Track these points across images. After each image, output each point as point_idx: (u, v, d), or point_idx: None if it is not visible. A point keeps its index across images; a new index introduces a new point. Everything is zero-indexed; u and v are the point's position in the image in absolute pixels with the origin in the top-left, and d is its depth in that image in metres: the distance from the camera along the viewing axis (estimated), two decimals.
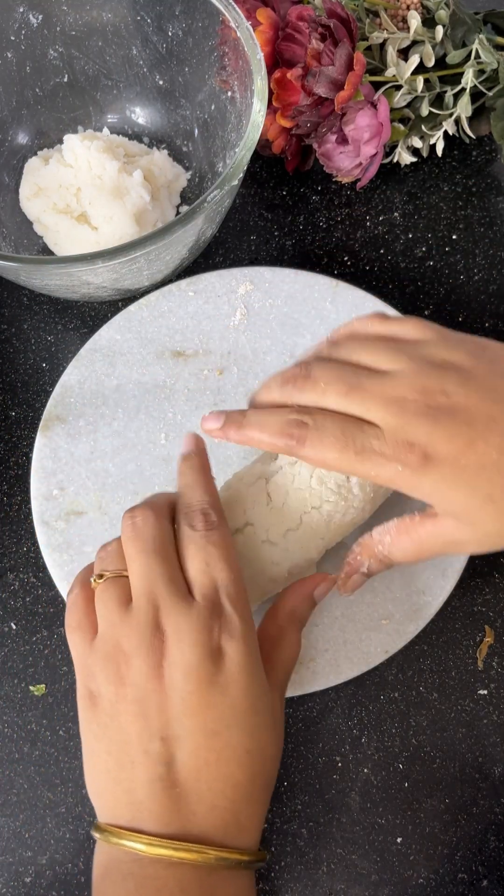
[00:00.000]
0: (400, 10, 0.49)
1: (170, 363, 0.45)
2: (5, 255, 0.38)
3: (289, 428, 0.33)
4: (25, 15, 0.47)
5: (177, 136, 0.53)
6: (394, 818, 0.39)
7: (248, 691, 0.30)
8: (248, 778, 0.30)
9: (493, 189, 0.54)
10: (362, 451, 0.32)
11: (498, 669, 0.42)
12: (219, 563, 0.32)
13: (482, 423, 0.32)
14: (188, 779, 0.29)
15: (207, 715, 0.30)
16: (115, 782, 0.30)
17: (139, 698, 0.30)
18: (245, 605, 0.32)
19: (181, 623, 0.30)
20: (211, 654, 0.30)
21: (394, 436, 0.32)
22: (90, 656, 0.32)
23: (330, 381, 0.33)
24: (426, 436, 0.31)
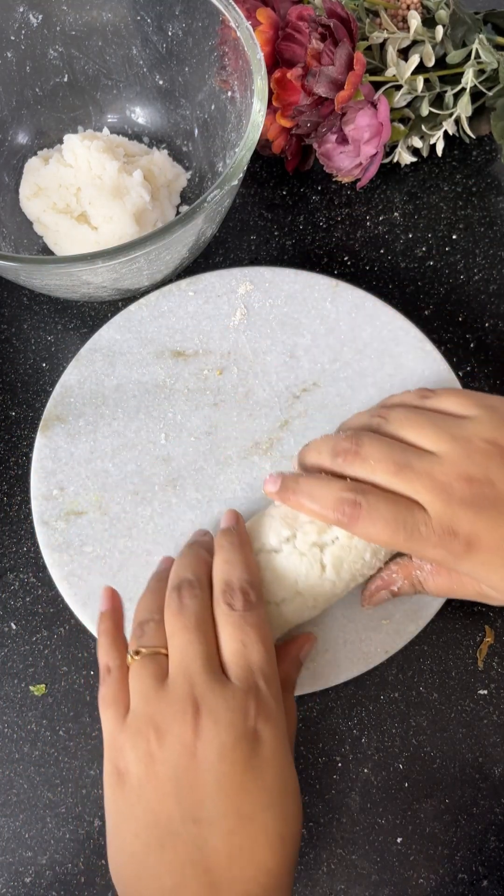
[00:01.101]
0: (400, 10, 0.49)
1: (170, 363, 0.45)
2: (5, 255, 0.38)
3: (342, 505, 0.34)
4: (25, 15, 0.47)
5: (177, 136, 0.53)
6: (394, 818, 0.39)
7: (281, 775, 0.30)
8: (280, 864, 0.29)
9: (493, 189, 0.54)
10: (411, 535, 0.33)
11: (498, 669, 0.42)
12: (255, 644, 0.32)
13: None
14: (220, 864, 0.28)
15: (242, 798, 0.29)
16: (142, 867, 0.29)
17: (171, 777, 0.29)
18: (278, 687, 0.32)
19: (216, 702, 0.30)
20: (247, 735, 0.30)
21: (440, 523, 0.33)
22: (121, 733, 0.32)
23: (379, 460, 0.35)
24: (469, 525, 0.33)
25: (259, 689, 0.31)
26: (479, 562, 0.33)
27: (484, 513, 0.33)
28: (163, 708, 0.31)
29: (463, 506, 0.33)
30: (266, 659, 0.32)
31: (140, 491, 0.42)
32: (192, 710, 0.30)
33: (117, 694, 0.33)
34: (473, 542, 0.33)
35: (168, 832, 0.29)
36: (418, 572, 0.37)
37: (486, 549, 0.33)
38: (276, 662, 0.33)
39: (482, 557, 0.33)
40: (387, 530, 0.33)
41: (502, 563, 0.33)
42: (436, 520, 0.33)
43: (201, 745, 0.30)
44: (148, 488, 0.43)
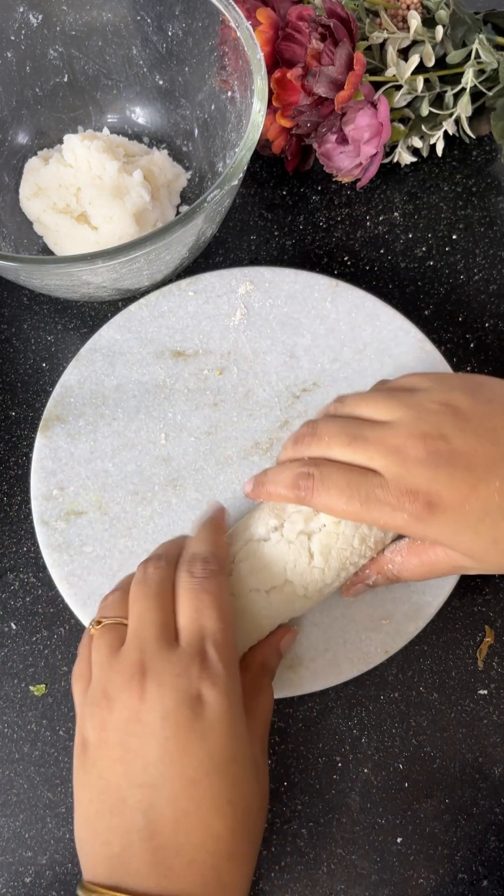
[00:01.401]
0: (400, 10, 0.49)
1: (170, 363, 0.45)
2: (5, 255, 0.38)
3: (297, 480, 0.35)
4: (25, 15, 0.47)
5: (177, 136, 0.53)
6: (394, 818, 0.39)
7: (228, 739, 0.30)
8: (230, 831, 0.29)
9: (493, 189, 0.54)
10: (367, 500, 0.33)
11: (498, 669, 0.42)
12: (209, 610, 0.32)
13: (482, 467, 0.32)
14: (166, 829, 0.28)
15: (186, 762, 0.29)
16: (95, 833, 0.30)
17: (120, 742, 0.30)
18: (231, 654, 0.32)
19: (163, 666, 0.30)
20: (190, 699, 0.30)
21: (396, 483, 0.33)
22: (84, 705, 0.32)
23: (333, 435, 0.35)
24: (428, 483, 0.32)
25: (207, 653, 0.31)
26: (444, 524, 0.32)
27: (441, 469, 0.32)
28: (114, 676, 0.31)
29: (418, 464, 0.32)
30: (219, 626, 0.32)
31: (140, 491, 0.42)
32: (138, 676, 0.30)
33: (83, 668, 0.33)
34: (435, 502, 0.32)
35: (117, 798, 0.29)
36: (390, 566, 0.36)
37: (449, 509, 0.32)
38: (232, 632, 0.32)
39: (446, 518, 0.32)
40: (342, 497, 0.33)
41: (467, 522, 0.32)
42: (392, 481, 0.33)
43: (145, 710, 0.30)
44: (148, 488, 0.43)
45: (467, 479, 0.32)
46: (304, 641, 0.39)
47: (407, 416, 0.34)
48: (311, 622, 0.40)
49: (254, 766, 0.31)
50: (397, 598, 0.40)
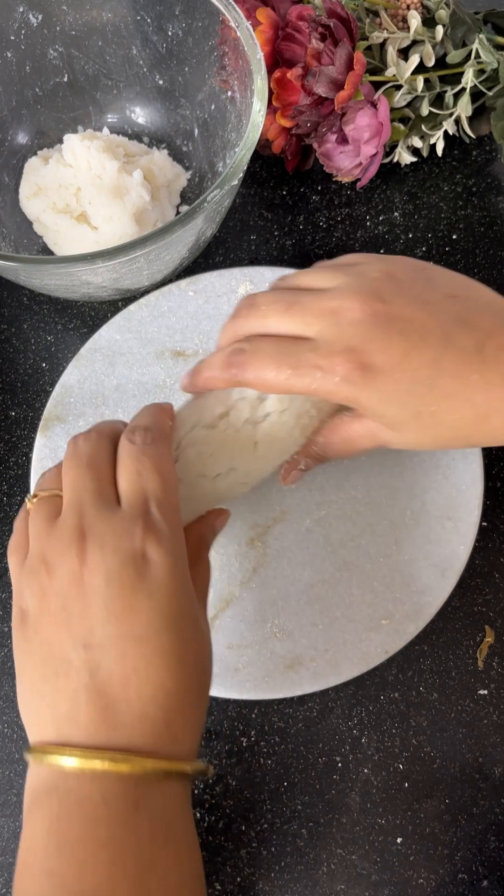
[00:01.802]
0: (400, 10, 0.49)
1: (170, 363, 0.45)
2: (5, 255, 0.38)
3: (230, 357, 0.34)
4: (25, 15, 0.47)
5: (177, 136, 0.53)
6: (394, 818, 0.39)
7: (176, 597, 0.29)
8: (180, 685, 0.29)
9: (493, 189, 0.54)
10: (297, 365, 0.32)
11: (498, 669, 0.42)
12: (151, 473, 0.31)
13: (416, 334, 0.32)
14: (115, 686, 0.28)
15: (133, 620, 0.29)
16: (40, 697, 0.29)
17: (62, 607, 0.29)
18: (175, 515, 0.31)
19: (104, 528, 0.30)
20: (133, 558, 0.29)
21: (329, 346, 0.32)
22: (21, 575, 0.32)
23: (270, 303, 0.34)
24: (362, 342, 0.32)
25: (150, 513, 0.30)
26: (374, 391, 0.32)
27: (377, 329, 0.31)
28: (52, 542, 0.31)
29: (354, 324, 0.32)
30: (162, 488, 0.31)
31: None
32: (78, 539, 0.30)
33: (20, 542, 0.33)
34: (367, 363, 0.31)
35: (61, 661, 0.29)
36: (314, 447, 0.37)
37: (381, 373, 0.31)
38: (175, 495, 0.32)
39: (377, 385, 0.32)
40: (271, 366, 0.32)
41: (396, 390, 0.32)
42: (324, 344, 0.32)
43: (87, 572, 0.29)
44: None
45: (401, 343, 0.32)
46: (303, 641, 0.39)
47: (346, 282, 0.34)
48: (311, 622, 0.40)
49: (201, 624, 0.31)
50: (397, 598, 0.40)
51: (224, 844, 0.39)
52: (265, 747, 0.40)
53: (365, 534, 0.41)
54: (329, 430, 0.37)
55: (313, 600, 0.40)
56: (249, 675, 0.39)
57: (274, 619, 0.40)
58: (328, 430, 0.37)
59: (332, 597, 0.40)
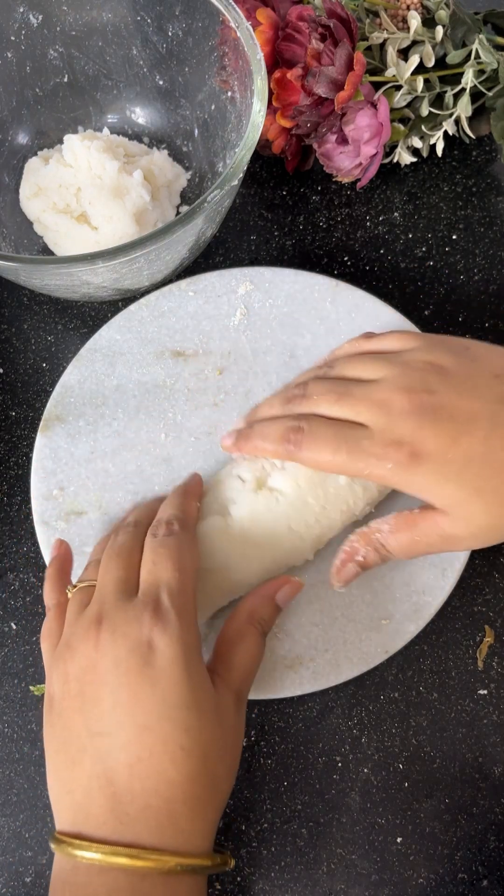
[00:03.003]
0: (400, 10, 0.49)
1: (170, 363, 0.45)
2: (5, 255, 0.38)
3: (287, 434, 0.36)
4: (25, 15, 0.47)
5: (177, 136, 0.53)
6: (394, 818, 0.39)
7: (179, 685, 0.30)
8: (185, 777, 0.29)
9: (493, 189, 0.54)
10: (354, 450, 0.34)
11: (498, 669, 0.42)
12: (165, 562, 0.33)
13: (465, 418, 0.33)
14: (122, 775, 0.29)
15: (137, 708, 0.29)
16: (61, 783, 0.30)
17: (78, 692, 0.30)
18: (186, 604, 0.32)
19: (116, 615, 0.31)
20: (140, 645, 0.30)
21: (382, 435, 0.34)
22: (51, 660, 0.33)
23: (322, 393, 0.36)
24: (412, 433, 0.33)
25: (160, 601, 0.31)
26: (427, 472, 0.33)
27: (426, 419, 0.33)
28: (77, 629, 0.32)
29: (403, 415, 0.34)
30: (174, 577, 0.32)
31: (140, 491, 0.42)
32: (95, 625, 0.31)
33: (53, 628, 0.34)
34: (418, 451, 0.33)
35: (77, 748, 0.30)
36: (378, 535, 0.36)
37: (432, 458, 0.33)
38: (190, 584, 0.33)
39: (430, 467, 0.33)
40: (328, 448, 0.34)
41: (450, 470, 0.33)
42: (378, 433, 0.34)
43: (100, 658, 0.30)
44: (148, 488, 0.43)
45: (450, 429, 0.33)
46: (303, 641, 0.39)
47: (392, 373, 0.35)
48: (311, 622, 0.40)
49: (216, 715, 0.31)
50: (397, 598, 0.40)
51: (224, 844, 0.39)
52: (265, 747, 0.40)
53: None
54: (395, 522, 0.36)
55: (313, 600, 0.40)
56: None
57: None
58: (395, 522, 0.36)
59: (332, 597, 0.40)
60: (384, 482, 0.35)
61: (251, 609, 0.36)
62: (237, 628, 0.35)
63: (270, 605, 0.36)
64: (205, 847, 0.30)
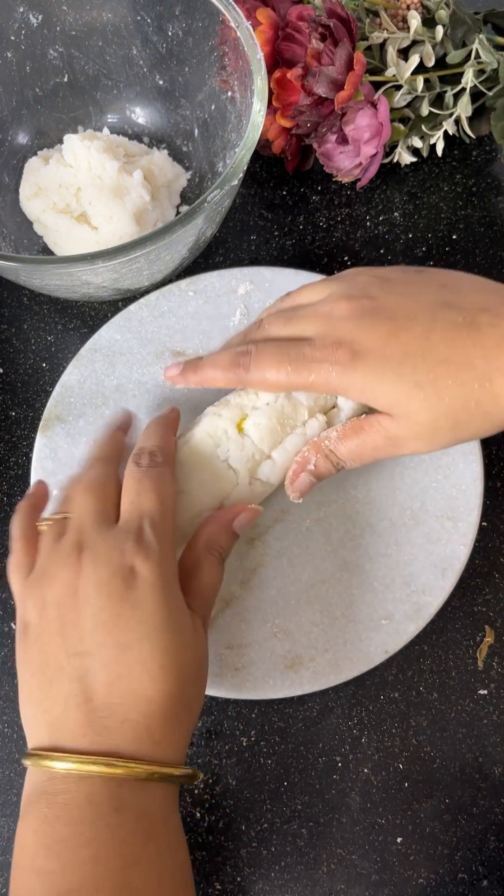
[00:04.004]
0: (400, 10, 0.49)
1: (170, 363, 0.45)
2: (5, 255, 0.38)
3: (236, 359, 0.37)
4: (25, 15, 0.47)
5: (177, 136, 0.53)
6: (394, 818, 0.39)
7: (160, 608, 0.31)
8: (162, 694, 0.30)
9: (493, 189, 0.54)
10: (296, 360, 0.35)
11: (498, 669, 0.42)
12: (149, 493, 0.34)
13: (403, 317, 0.34)
14: (100, 692, 0.30)
15: (118, 628, 0.30)
16: (36, 703, 0.31)
17: (58, 616, 0.31)
18: (167, 533, 0.33)
19: (97, 543, 0.32)
20: (122, 570, 0.31)
21: (323, 341, 0.35)
22: (24, 588, 0.34)
23: (271, 320, 0.38)
24: (350, 333, 0.34)
25: (142, 530, 0.32)
26: (367, 370, 0.34)
27: (365, 320, 0.34)
28: (54, 557, 0.33)
29: (342, 320, 0.35)
30: (157, 507, 0.33)
31: None
32: (76, 553, 0.32)
33: (22, 558, 0.35)
34: (358, 350, 0.34)
35: (55, 668, 0.30)
36: (326, 442, 0.37)
37: (371, 355, 0.34)
38: (171, 514, 0.34)
39: (369, 364, 0.33)
40: (273, 366, 0.35)
41: (388, 364, 0.33)
42: (318, 340, 0.35)
43: (81, 583, 0.31)
44: None
45: (388, 325, 0.34)
46: (303, 641, 0.39)
47: (338, 288, 0.37)
48: (311, 622, 0.40)
49: (192, 636, 0.32)
50: (397, 598, 0.40)
51: (224, 844, 0.39)
52: (265, 747, 0.40)
53: (365, 534, 0.41)
54: (342, 429, 0.37)
55: (313, 600, 0.40)
56: (249, 675, 0.39)
57: (274, 619, 0.40)
58: (342, 429, 0.37)
59: (332, 597, 0.40)
60: (328, 389, 0.35)
61: (208, 537, 0.36)
62: (195, 557, 0.36)
63: (227, 532, 0.37)
64: (178, 759, 0.31)
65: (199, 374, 0.39)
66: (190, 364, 0.39)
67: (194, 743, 0.40)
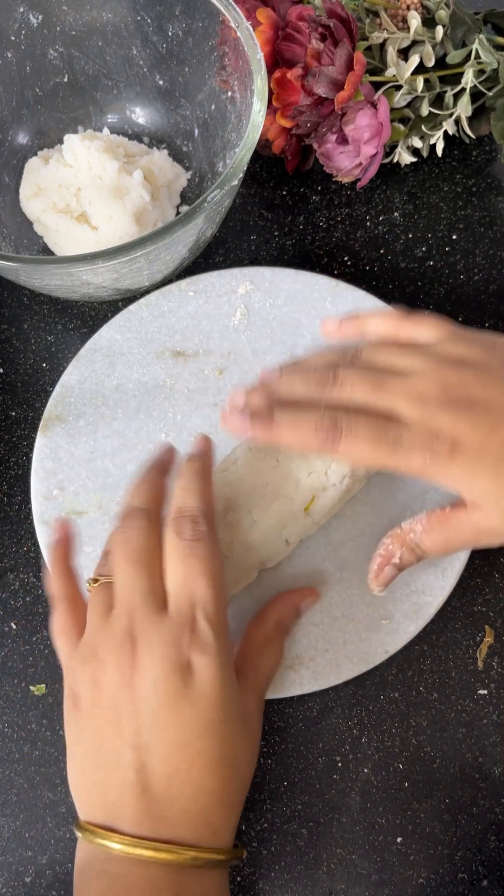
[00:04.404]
0: (400, 10, 0.49)
1: (170, 363, 0.45)
2: (5, 255, 0.38)
3: (323, 427, 0.34)
4: (25, 15, 0.47)
5: (177, 136, 0.53)
6: (394, 818, 0.39)
7: (218, 705, 0.31)
8: (220, 784, 0.31)
9: (493, 189, 0.54)
10: (394, 445, 0.34)
11: (498, 669, 0.42)
12: (199, 577, 0.32)
13: (501, 412, 0.34)
14: (159, 784, 0.30)
15: (177, 726, 0.30)
16: (91, 783, 0.31)
17: (113, 705, 0.31)
18: (222, 620, 0.32)
19: (152, 635, 0.31)
20: (180, 668, 0.31)
21: (421, 428, 0.34)
22: (73, 658, 0.33)
23: (356, 382, 0.35)
24: (450, 425, 0.33)
25: (196, 621, 0.32)
26: (464, 463, 0.33)
27: (463, 413, 0.34)
28: (105, 640, 0.32)
29: (441, 408, 0.34)
30: (209, 593, 0.32)
31: None
32: (129, 643, 0.31)
33: (68, 621, 0.34)
34: (456, 443, 0.33)
35: (111, 755, 0.31)
36: (412, 535, 0.37)
37: (469, 450, 0.33)
38: (223, 599, 0.33)
39: (467, 458, 0.33)
40: (369, 445, 0.34)
41: (486, 461, 0.33)
42: (416, 426, 0.34)
43: (138, 678, 0.31)
44: None
45: (486, 421, 0.34)
46: (304, 641, 0.39)
47: (427, 366, 0.35)
48: (311, 622, 0.40)
49: (244, 722, 0.33)
50: (397, 598, 0.40)
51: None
52: (265, 747, 0.40)
53: (365, 534, 0.41)
54: (428, 521, 0.36)
55: None
56: None
57: None
58: (427, 521, 0.36)
59: (332, 597, 0.40)
60: (420, 475, 0.34)
61: (280, 616, 0.37)
62: (266, 634, 0.36)
63: (295, 612, 0.38)
64: (230, 843, 0.32)
65: (273, 434, 0.35)
66: (261, 418, 0.35)
67: None
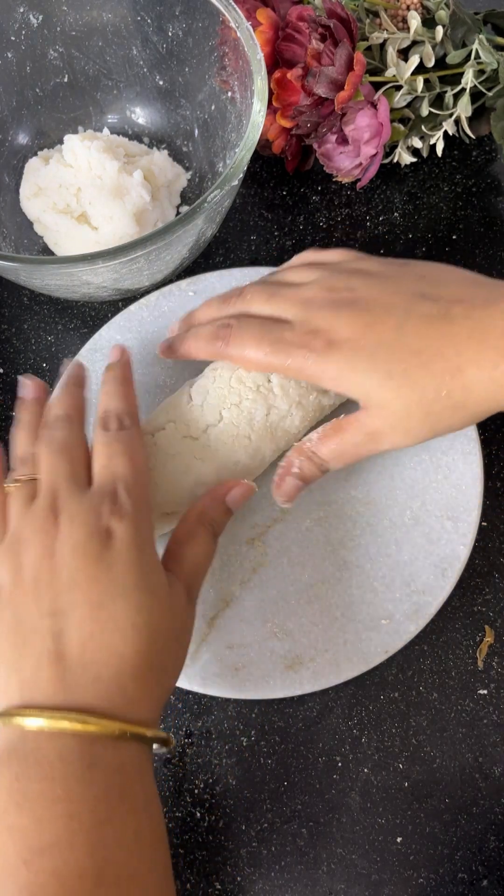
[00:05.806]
0: (400, 10, 0.49)
1: (170, 363, 0.45)
2: (5, 255, 0.38)
3: (217, 332, 0.38)
4: (25, 15, 0.47)
5: (177, 136, 0.53)
6: (394, 818, 0.39)
7: (134, 568, 0.31)
8: (135, 652, 0.30)
9: (493, 189, 0.54)
10: (275, 342, 0.36)
11: (498, 669, 0.42)
12: (121, 457, 0.34)
13: (381, 309, 0.35)
14: (74, 651, 0.30)
15: (93, 588, 0.31)
16: (7, 664, 0.31)
17: (33, 578, 0.31)
18: (142, 495, 0.34)
19: (73, 506, 0.32)
20: (98, 532, 0.31)
21: (301, 327, 0.36)
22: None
23: (255, 293, 0.39)
24: (328, 322, 0.35)
25: (117, 492, 0.33)
26: (340, 359, 0.35)
27: (342, 311, 0.35)
28: (28, 521, 0.33)
29: (322, 308, 0.36)
30: (130, 471, 0.34)
31: None
32: (52, 518, 0.32)
33: None
34: (333, 339, 0.35)
35: (29, 629, 0.31)
36: (307, 444, 0.38)
37: (346, 345, 0.35)
38: (143, 477, 0.34)
39: (343, 353, 0.35)
40: (253, 342, 0.36)
41: (362, 354, 0.34)
42: (297, 325, 0.36)
43: (58, 545, 0.31)
44: None
45: (364, 317, 0.35)
46: (303, 641, 0.39)
47: (322, 275, 0.38)
48: (311, 622, 0.40)
49: (168, 599, 0.32)
50: (397, 598, 0.40)
51: (224, 844, 0.39)
52: (265, 747, 0.40)
53: (365, 534, 0.41)
54: (323, 431, 0.37)
55: (313, 600, 0.40)
56: (249, 675, 0.39)
57: (274, 619, 0.40)
58: (322, 431, 0.37)
59: (332, 597, 0.40)
60: (303, 375, 0.36)
61: (201, 510, 0.37)
62: (188, 529, 0.36)
63: (221, 506, 0.37)
64: (151, 721, 0.31)
65: (184, 347, 0.40)
66: (177, 338, 0.41)
67: (194, 742, 0.40)
